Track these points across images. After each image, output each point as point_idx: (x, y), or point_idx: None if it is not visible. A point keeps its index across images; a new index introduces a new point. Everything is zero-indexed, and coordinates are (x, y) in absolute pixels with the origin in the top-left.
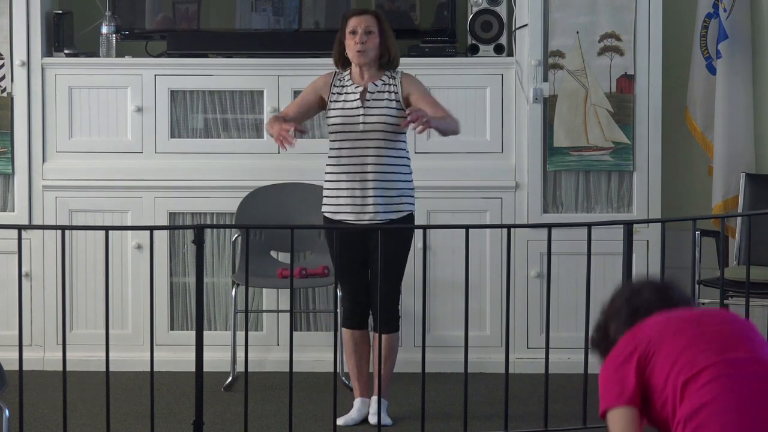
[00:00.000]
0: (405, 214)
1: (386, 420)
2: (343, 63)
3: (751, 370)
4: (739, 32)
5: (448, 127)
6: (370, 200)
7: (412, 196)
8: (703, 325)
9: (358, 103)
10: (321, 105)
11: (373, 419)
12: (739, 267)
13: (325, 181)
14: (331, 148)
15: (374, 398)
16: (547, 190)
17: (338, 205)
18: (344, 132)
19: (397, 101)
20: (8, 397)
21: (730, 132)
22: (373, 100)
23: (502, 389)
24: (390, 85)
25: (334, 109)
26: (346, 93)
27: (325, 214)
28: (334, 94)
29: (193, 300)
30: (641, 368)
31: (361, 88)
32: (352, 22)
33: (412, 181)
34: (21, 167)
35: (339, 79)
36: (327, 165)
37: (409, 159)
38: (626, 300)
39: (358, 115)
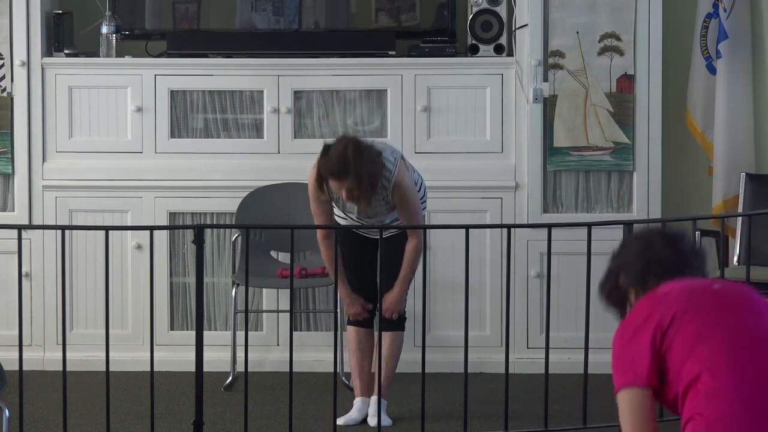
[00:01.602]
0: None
1: (386, 420)
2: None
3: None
4: (739, 32)
5: (412, 275)
6: (368, 228)
7: (424, 204)
8: (718, 309)
9: (357, 215)
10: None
11: (372, 421)
12: (739, 267)
13: None
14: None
15: (374, 398)
16: (547, 190)
17: (340, 219)
18: (347, 217)
19: (387, 203)
20: (8, 397)
21: (730, 132)
22: (370, 210)
23: (502, 389)
24: (382, 194)
25: (336, 208)
26: (343, 202)
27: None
28: (333, 198)
29: (193, 300)
30: (656, 342)
31: (356, 207)
32: (333, 185)
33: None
34: (21, 167)
35: (332, 188)
36: None
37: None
38: (638, 252)
39: (359, 221)
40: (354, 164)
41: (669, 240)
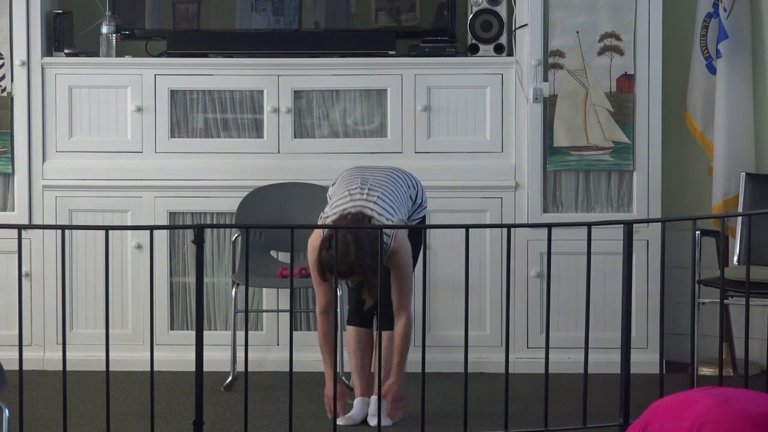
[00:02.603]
0: (415, 221)
1: (386, 420)
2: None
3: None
4: (739, 32)
5: (405, 360)
6: None
7: (424, 207)
8: (681, 393)
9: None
10: None
11: (372, 421)
12: (739, 267)
13: (329, 194)
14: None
15: (374, 398)
16: (547, 190)
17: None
18: None
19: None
20: (8, 397)
21: (730, 132)
22: None
23: (502, 389)
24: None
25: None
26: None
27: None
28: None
29: (193, 300)
30: None
31: None
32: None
33: (416, 197)
34: (21, 167)
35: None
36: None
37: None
38: None
39: None
40: (357, 262)
41: None
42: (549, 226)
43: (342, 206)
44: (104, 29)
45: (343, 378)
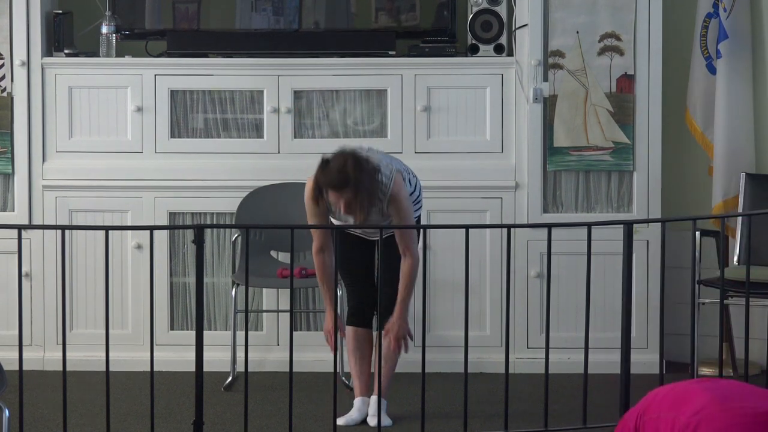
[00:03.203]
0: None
1: (386, 420)
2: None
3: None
4: (739, 32)
5: (410, 297)
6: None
7: (420, 204)
8: (678, 383)
9: (353, 224)
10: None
11: (372, 421)
12: (739, 267)
13: None
14: None
15: (374, 398)
16: (547, 190)
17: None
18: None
19: (384, 214)
20: (8, 397)
21: (730, 132)
22: (367, 221)
23: (502, 389)
24: (378, 206)
25: (332, 218)
26: (340, 212)
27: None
28: (330, 210)
29: (193, 300)
30: None
31: (352, 218)
32: (331, 197)
33: (413, 194)
34: (21, 167)
35: (328, 201)
36: None
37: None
38: None
39: (357, 231)
40: (353, 177)
41: None
42: (549, 226)
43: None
44: (104, 29)
45: (343, 378)
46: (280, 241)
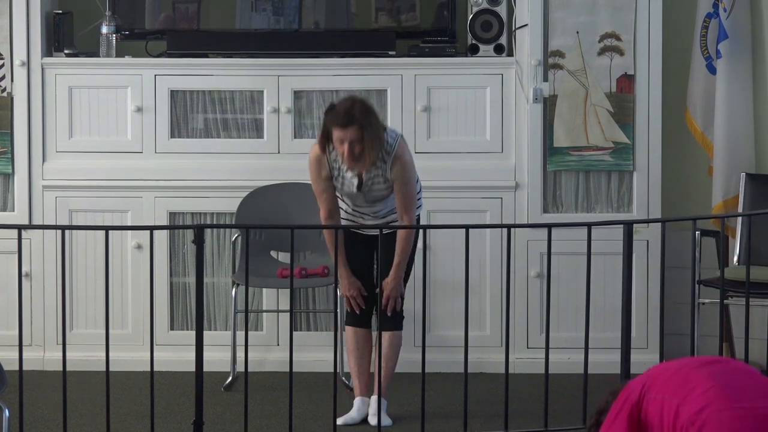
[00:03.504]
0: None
1: (386, 420)
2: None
3: (737, 373)
4: (739, 32)
5: (406, 260)
6: (368, 224)
7: (420, 203)
8: (685, 359)
9: (356, 188)
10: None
11: (373, 420)
12: (739, 267)
13: None
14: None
15: (374, 398)
16: (547, 190)
17: (341, 218)
18: (347, 198)
19: (386, 181)
20: (8, 397)
21: (730, 132)
22: (369, 186)
23: (502, 389)
24: (381, 168)
25: (336, 186)
26: (343, 177)
27: None
28: (333, 174)
29: (193, 300)
30: (634, 416)
31: (356, 179)
32: (337, 133)
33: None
34: (21, 167)
35: (333, 159)
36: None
37: None
38: (615, 392)
39: (359, 196)
40: (360, 115)
41: None
42: (549, 227)
43: None
44: (104, 29)
45: (343, 378)
46: (280, 241)
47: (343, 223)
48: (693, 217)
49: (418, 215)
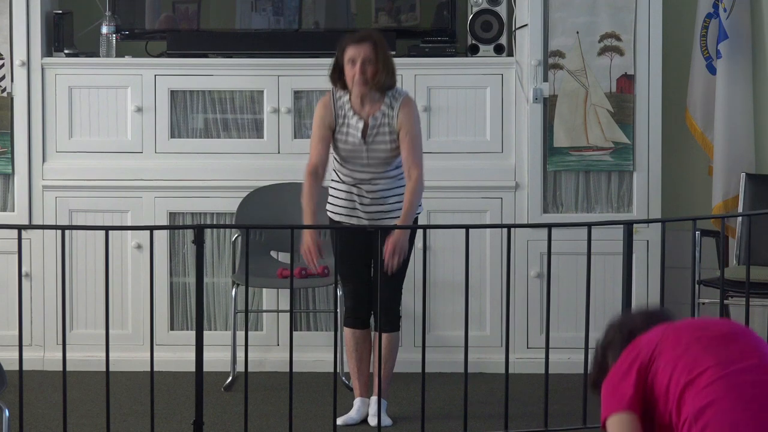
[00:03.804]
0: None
1: (386, 420)
2: (342, 84)
3: (748, 365)
4: (739, 32)
5: (413, 215)
6: (366, 211)
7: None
8: (699, 329)
9: (361, 139)
10: (333, 130)
11: (373, 421)
12: (739, 267)
13: (331, 180)
14: (335, 158)
15: (374, 398)
16: (547, 190)
17: (338, 206)
18: (348, 159)
19: (391, 133)
20: (8, 397)
21: (730, 132)
22: (374, 135)
23: (502, 389)
24: (388, 116)
25: (339, 140)
26: (348, 125)
27: (328, 214)
28: (338, 123)
29: (193, 300)
30: (642, 377)
31: (362, 123)
32: (351, 51)
33: None
34: (21, 167)
35: (340, 106)
36: (333, 169)
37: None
38: (619, 327)
39: (362, 150)
40: (376, 36)
41: (647, 311)
42: (549, 227)
43: None
44: (104, 29)
45: (343, 378)
46: (280, 241)
47: (337, 209)
48: (693, 217)
49: (418, 215)
